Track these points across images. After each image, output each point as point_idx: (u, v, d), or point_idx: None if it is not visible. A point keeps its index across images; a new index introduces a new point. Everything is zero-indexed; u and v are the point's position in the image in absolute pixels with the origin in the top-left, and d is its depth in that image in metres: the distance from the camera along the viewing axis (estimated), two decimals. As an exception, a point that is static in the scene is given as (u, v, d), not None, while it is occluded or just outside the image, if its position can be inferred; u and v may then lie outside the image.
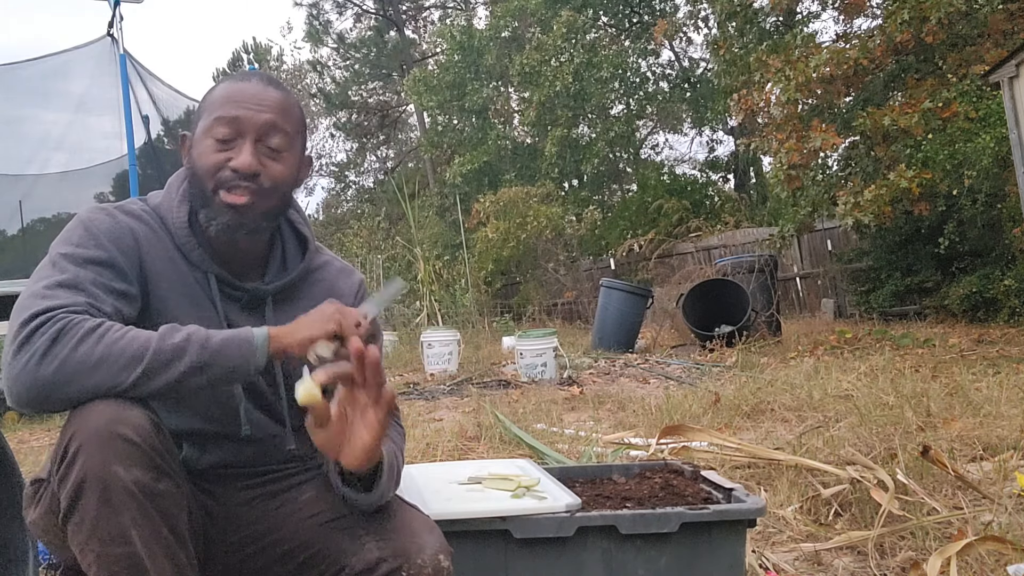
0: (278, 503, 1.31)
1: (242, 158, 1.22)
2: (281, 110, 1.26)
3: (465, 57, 18.11)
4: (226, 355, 1.10)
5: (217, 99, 1.26)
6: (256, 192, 1.24)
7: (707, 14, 15.33)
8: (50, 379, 1.03)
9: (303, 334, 1.14)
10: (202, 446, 1.29)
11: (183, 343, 1.08)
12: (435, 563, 1.18)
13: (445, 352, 7.38)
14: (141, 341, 1.07)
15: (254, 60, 28.00)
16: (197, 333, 1.11)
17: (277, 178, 1.26)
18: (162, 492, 1.05)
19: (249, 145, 1.23)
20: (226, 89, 1.27)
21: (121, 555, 1.01)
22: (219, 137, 1.23)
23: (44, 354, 1.03)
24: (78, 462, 1.01)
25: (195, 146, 1.26)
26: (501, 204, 14.56)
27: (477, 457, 3.35)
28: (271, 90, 1.27)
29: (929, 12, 7.86)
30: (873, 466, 2.36)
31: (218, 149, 1.23)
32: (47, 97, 8.26)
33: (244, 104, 1.24)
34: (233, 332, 1.13)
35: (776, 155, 8.87)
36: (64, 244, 1.18)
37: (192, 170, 1.26)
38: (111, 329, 1.07)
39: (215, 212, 1.24)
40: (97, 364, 1.04)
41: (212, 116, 1.24)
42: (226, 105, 1.24)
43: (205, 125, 1.25)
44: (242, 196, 1.23)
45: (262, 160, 1.24)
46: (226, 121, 1.23)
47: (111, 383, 1.05)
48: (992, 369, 4.89)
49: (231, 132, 1.23)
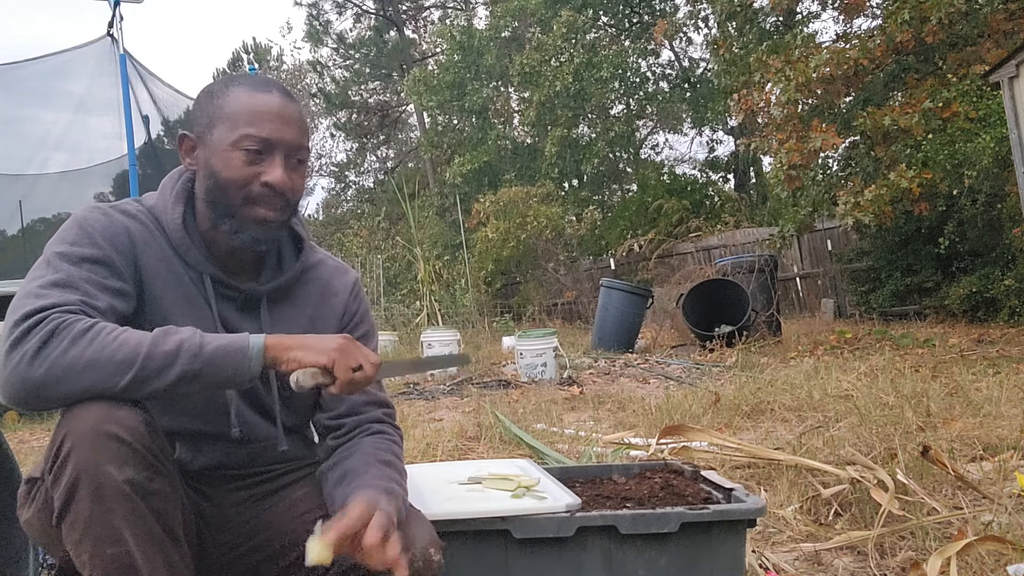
0: (270, 502, 1.32)
1: (277, 175, 1.23)
2: (302, 126, 1.28)
3: (465, 57, 18.10)
4: (219, 365, 1.09)
5: (241, 111, 1.24)
6: (284, 207, 1.26)
7: (707, 14, 15.31)
8: (40, 379, 1.03)
9: (296, 355, 1.12)
10: (196, 447, 1.29)
11: (175, 350, 1.07)
12: (425, 556, 1.19)
13: (445, 352, 7.38)
14: (132, 345, 1.06)
15: (254, 60, 27.97)
16: (191, 340, 1.09)
17: (299, 191, 1.29)
18: (155, 491, 1.05)
19: (281, 161, 1.24)
20: (248, 100, 1.24)
21: (114, 555, 1.02)
22: (249, 150, 1.23)
23: (35, 354, 1.03)
24: (71, 462, 1.02)
25: (215, 155, 1.24)
26: (501, 204, 14.56)
27: (477, 457, 3.35)
28: (291, 104, 1.28)
29: (929, 12, 7.86)
30: (873, 466, 2.36)
31: (248, 162, 1.23)
32: (47, 97, 8.25)
33: (273, 121, 1.24)
34: (228, 340, 1.11)
35: (776, 155, 8.87)
36: (59, 243, 1.18)
37: (214, 180, 1.24)
38: (103, 331, 1.06)
39: (243, 225, 1.24)
40: (87, 367, 1.04)
41: (239, 130, 1.23)
42: (255, 121, 1.23)
43: (230, 137, 1.23)
44: (273, 211, 1.25)
45: (290, 175, 1.26)
46: (257, 139, 1.23)
47: (102, 386, 1.04)
48: (992, 369, 4.89)
49: (261, 147, 1.23)
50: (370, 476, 1.22)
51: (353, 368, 1.13)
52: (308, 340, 1.15)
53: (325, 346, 1.13)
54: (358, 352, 1.15)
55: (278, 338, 1.14)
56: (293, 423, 1.37)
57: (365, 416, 1.36)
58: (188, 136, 1.29)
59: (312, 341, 1.14)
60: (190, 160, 1.29)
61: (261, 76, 1.32)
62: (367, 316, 1.44)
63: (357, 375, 1.14)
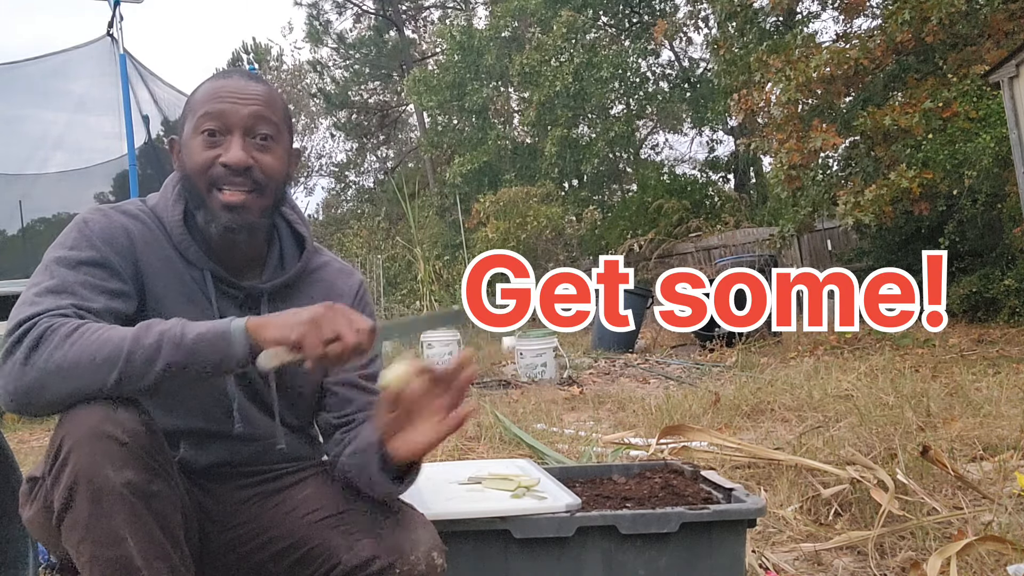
0: (275, 501, 1.32)
1: (232, 152, 1.21)
2: (266, 102, 1.25)
3: (465, 57, 18.09)
4: (202, 352, 1.06)
5: (200, 98, 1.25)
6: (251, 188, 1.23)
7: (707, 14, 15.33)
8: (30, 386, 1.04)
9: (271, 333, 1.06)
10: (200, 445, 1.29)
11: (157, 343, 1.05)
12: (428, 560, 1.19)
13: (445, 352, 7.38)
14: (115, 341, 1.04)
15: (254, 60, 27.93)
16: (171, 331, 1.06)
17: (268, 170, 1.25)
18: (155, 493, 1.05)
19: (238, 139, 1.22)
20: (208, 87, 1.26)
21: (114, 557, 1.02)
22: (206, 133, 1.22)
23: (24, 361, 1.04)
24: (69, 464, 1.02)
25: (185, 148, 1.26)
26: (501, 204, 14.56)
27: (477, 457, 3.35)
28: (253, 84, 1.26)
29: (930, 12, 7.86)
30: (873, 466, 2.36)
31: (206, 146, 1.22)
32: (47, 97, 8.25)
33: (228, 98, 1.23)
34: (209, 326, 1.07)
35: (776, 155, 8.88)
36: (58, 248, 1.19)
37: (183, 172, 1.26)
38: (87, 331, 1.05)
39: (212, 213, 1.23)
40: (72, 368, 1.03)
41: (197, 114, 1.23)
42: (210, 101, 1.23)
43: (191, 125, 1.24)
44: (237, 194, 1.22)
45: (252, 154, 1.23)
46: (211, 116, 1.22)
47: (92, 387, 1.04)
48: (992, 369, 4.89)
49: (218, 127, 1.22)
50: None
51: (326, 340, 1.05)
52: (283, 316, 1.08)
53: (294, 320, 1.06)
54: (337, 321, 1.06)
55: (259, 318, 1.09)
56: (295, 421, 1.37)
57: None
58: (174, 139, 1.31)
59: (285, 317, 1.07)
60: (177, 161, 1.30)
61: (234, 68, 1.32)
62: (372, 319, 1.44)
63: (333, 347, 1.05)
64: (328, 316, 1.06)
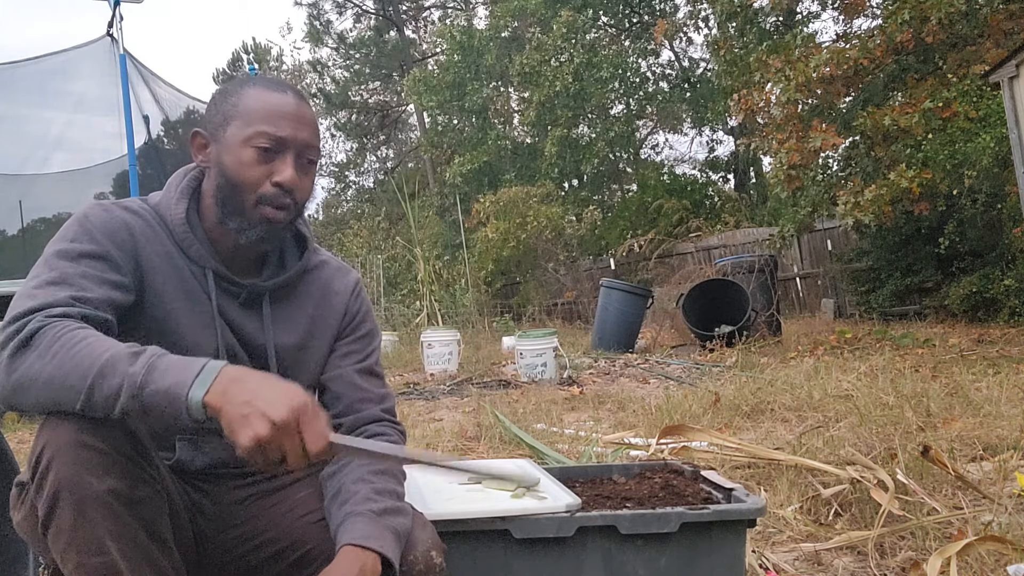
0: (272, 502, 1.32)
1: (287, 174, 1.23)
2: (314, 128, 1.29)
3: (465, 57, 18.10)
4: (157, 407, 0.99)
5: (256, 110, 1.24)
6: (291, 209, 1.26)
7: (707, 14, 15.30)
8: (14, 387, 1.04)
9: (224, 421, 0.98)
10: (196, 446, 1.29)
11: (117, 386, 0.99)
12: (427, 559, 1.19)
13: (445, 352, 7.38)
14: (83, 369, 1.00)
15: (254, 60, 27.96)
16: (133, 378, 0.99)
17: (306, 192, 1.29)
18: (140, 499, 1.05)
19: (292, 160, 1.24)
20: (263, 99, 1.25)
21: (99, 565, 1.01)
22: (261, 148, 1.23)
23: (9, 362, 1.04)
24: (51, 473, 1.02)
25: (228, 152, 1.24)
26: (501, 204, 14.56)
27: (477, 457, 3.35)
28: (305, 106, 1.29)
29: (930, 12, 7.85)
30: (873, 466, 2.36)
31: (259, 161, 1.23)
32: (47, 97, 8.24)
33: (289, 119, 1.24)
34: (172, 381, 0.99)
35: (776, 155, 8.87)
36: (59, 241, 1.19)
37: (224, 178, 1.24)
38: (67, 344, 1.02)
39: (250, 223, 1.25)
40: (47, 383, 1.02)
41: (253, 128, 1.23)
42: (270, 120, 1.23)
43: (243, 135, 1.23)
44: (281, 212, 1.25)
45: (300, 176, 1.26)
46: (272, 137, 1.23)
47: (65, 405, 1.02)
48: (992, 369, 4.89)
49: (273, 146, 1.23)
50: (361, 497, 1.20)
51: (271, 462, 0.99)
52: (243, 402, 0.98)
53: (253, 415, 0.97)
54: (289, 442, 0.98)
55: (221, 395, 0.99)
56: None
57: (363, 415, 1.35)
58: (200, 133, 1.29)
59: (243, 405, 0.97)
60: (202, 157, 1.29)
61: (277, 78, 1.32)
62: (368, 316, 1.44)
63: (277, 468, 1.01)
64: (286, 428, 0.97)
